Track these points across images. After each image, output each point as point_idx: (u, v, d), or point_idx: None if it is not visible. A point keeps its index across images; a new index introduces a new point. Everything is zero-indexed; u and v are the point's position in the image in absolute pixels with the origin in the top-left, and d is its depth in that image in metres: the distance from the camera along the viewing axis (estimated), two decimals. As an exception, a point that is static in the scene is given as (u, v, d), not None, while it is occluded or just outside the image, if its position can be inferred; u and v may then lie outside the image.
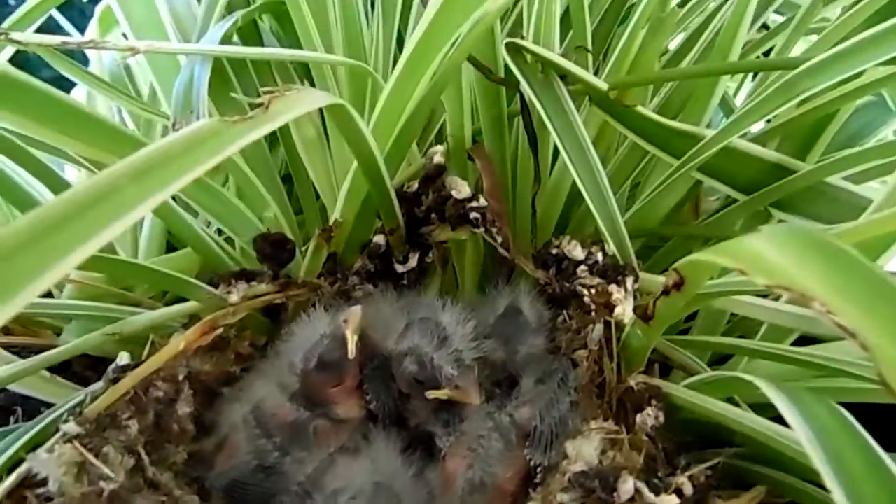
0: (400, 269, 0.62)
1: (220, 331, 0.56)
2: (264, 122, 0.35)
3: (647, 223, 0.59)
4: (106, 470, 0.43)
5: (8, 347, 0.65)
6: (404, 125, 0.51)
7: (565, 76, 0.53)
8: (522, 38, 0.51)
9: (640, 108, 0.51)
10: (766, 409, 0.38)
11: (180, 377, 0.52)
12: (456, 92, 0.55)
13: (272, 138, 0.73)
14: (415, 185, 0.59)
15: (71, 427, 0.44)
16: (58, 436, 0.44)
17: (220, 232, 0.64)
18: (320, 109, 0.67)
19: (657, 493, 0.40)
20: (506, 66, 0.54)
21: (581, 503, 0.41)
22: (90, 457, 0.43)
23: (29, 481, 0.43)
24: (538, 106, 0.50)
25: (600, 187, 0.52)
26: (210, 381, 0.55)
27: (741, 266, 0.31)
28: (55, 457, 0.42)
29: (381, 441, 0.47)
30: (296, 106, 0.37)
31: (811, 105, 0.53)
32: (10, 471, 0.43)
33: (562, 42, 0.57)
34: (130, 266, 0.51)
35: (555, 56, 0.51)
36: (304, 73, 0.72)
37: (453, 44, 0.49)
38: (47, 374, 0.65)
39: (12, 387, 0.66)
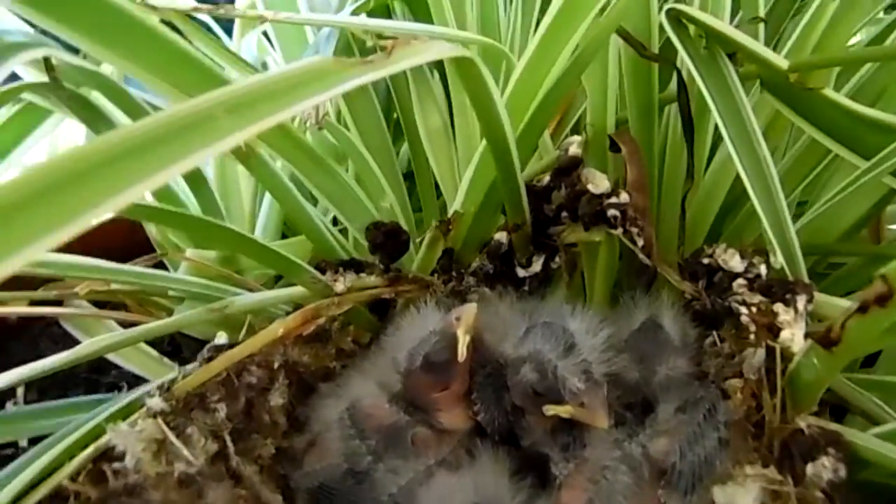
0: (522, 273, 0.55)
1: (322, 320, 0.52)
2: (382, 66, 0.31)
3: (821, 239, 0.49)
4: (186, 451, 0.39)
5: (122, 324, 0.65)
6: (539, 105, 0.45)
7: (733, 55, 0.45)
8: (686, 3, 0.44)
9: (826, 92, 0.42)
10: None
11: (276, 365, 0.48)
12: (600, 72, 0.49)
13: (396, 131, 0.70)
14: (545, 179, 0.53)
15: (156, 402, 0.41)
16: (142, 410, 0.41)
17: (335, 222, 0.61)
18: (449, 102, 0.63)
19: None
20: (661, 43, 0.47)
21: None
22: (171, 435, 0.40)
23: (109, 454, 0.40)
24: (702, 86, 0.42)
25: (769, 186, 0.44)
26: (307, 375, 0.51)
27: None
28: (136, 431, 0.39)
29: (486, 459, 0.41)
30: (419, 53, 0.33)
31: None
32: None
33: (732, 16, 0.49)
34: (243, 239, 0.48)
35: (726, 27, 0.43)
36: (436, 64, 0.68)
37: (601, 11, 0.42)
38: (154, 353, 0.65)
39: (122, 364, 0.66)
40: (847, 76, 0.50)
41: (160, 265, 0.67)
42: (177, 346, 0.72)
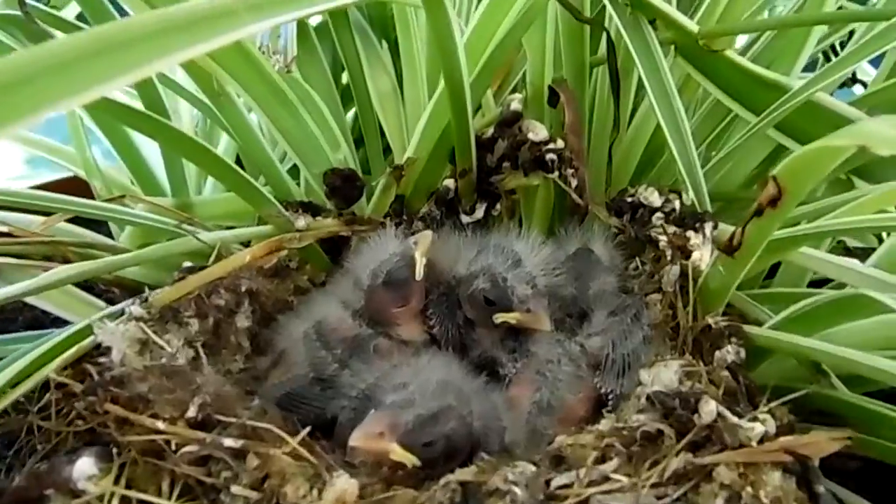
0: (466, 219, 0.61)
1: (284, 253, 0.55)
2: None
3: (725, 187, 0.58)
4: (168, 348, 0.42)
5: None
6: (490, 54, 0.51)
7: (654, 21, 0.52)
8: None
9: (728, 53, 0.51)
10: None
11: (242, 289, 0.52)
12: (539, 35, 0.55)
13: (346, 97, 0.74)
14: (489, 132, 0.59)
15: (136, 309, 0.44)
16: (123, 317, 0.44)
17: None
18: (396, 65, 0.68)
19: (740, 418, 0.38)
20: (591, 9, 0.54)
21: (658, 424, 0.38)
22: (153, 336, 0.43)
23: (90, 355, 0.42)
24: (630, 46, 0.50)
25: (682, 134, 0.51)
26: (268, 305, 0.54)
27: (862, 142, 0.30)
28: (121, 330, 0.42)
29: (443, 356, 0.45)
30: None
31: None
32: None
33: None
34: (225, 166, 0.50)
35: (648, -6, 0.51)
36: (384, 34, 0.73)
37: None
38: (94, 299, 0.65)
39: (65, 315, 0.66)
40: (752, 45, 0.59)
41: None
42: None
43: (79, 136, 0.70)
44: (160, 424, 0.37)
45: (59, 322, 0.64)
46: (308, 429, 0.37)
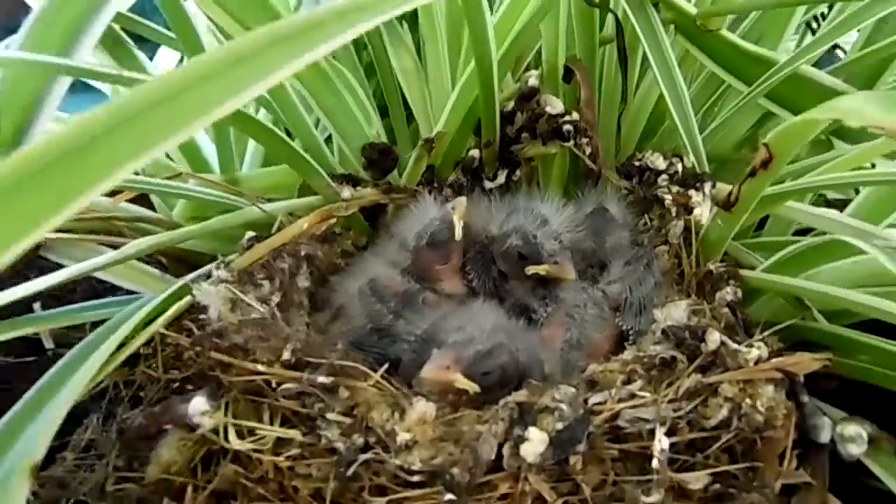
0: (489, 185, 0.68)
1: (333, 221, 0.62)
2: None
3: (719, 150, 0.65)
4: (256, 305, 0.49)
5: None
6: (514, 38, 0.57)
7: (657, 4, 0.59)
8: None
9: (722, 32, 0.57)
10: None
11: (301, 254, 0.59)
12: (554, 19, 0.62)
13: (367, 74, 0.80)
14: (510, 105, 0.66)
15: (223, 273, 0.51)
16: (213, 279, 0.51)
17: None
18: (418, 46, 0.74)
19: (739, 345, 0.46)
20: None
21: (672, 352, 0.46)
22: (241, 295, 0.50)
23: (189, 313, 0.49)
24: (636, 26, 0.56)
25: (682, 103, 0.58)
26: (322, 267, 0.62)
27: (839, 115, 0.37)
28: (215, 290, 0.49)
29: (490, 305, 0.53)
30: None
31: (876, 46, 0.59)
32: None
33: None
34: (280, 140, 0.56)
35: (651, -19, 0.57)
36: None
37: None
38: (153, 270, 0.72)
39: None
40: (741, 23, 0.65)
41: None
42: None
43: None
44: (260, 367, 0.45)
45: (117, 290, 0.70)
46: (386, 365, 0.45)
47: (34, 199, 0.24)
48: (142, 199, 0.80)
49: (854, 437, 0.47)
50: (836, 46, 0.78)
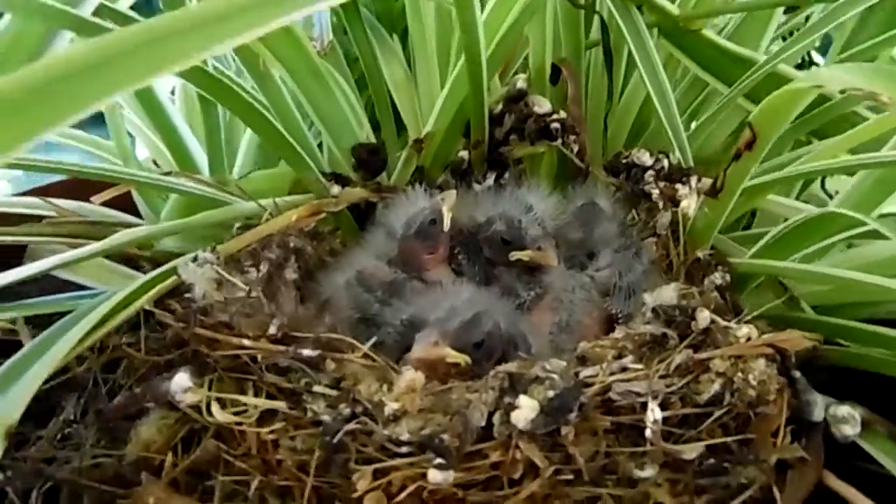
0: (477, 188, 0.68)
1: (323, 215, 0.62)
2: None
3: (704, 152, 0.66)
4: (241, 285, 0.49)
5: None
6: (501, 37, 0.59)
7: (641, 6, 0.61)
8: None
9: (704, 32, 0.59)
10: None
11: (290, 245, 0.58)
12: (540, 23, 0.63)
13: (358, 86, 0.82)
14: (497, 108, 0.67)
15: (208, 255, 0.51)
16: (199, 260, 0.50)
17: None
18: (408, 59, 0.76)
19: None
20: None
21: (664, 329, 0.46)
22: (226, 275, 0.49)
23: (174, 295, 0.49)
24: (622, 27, 0.58)
25: (667, 101, 0.59)
26: (310, 263, 0.61)
27: (819, 83, 0.38)
28: (200, 270, 0.48)
29: (470, 284, 0.53)
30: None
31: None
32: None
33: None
34: (277, 133, 0.57)
35: (635, -18, 0.59)
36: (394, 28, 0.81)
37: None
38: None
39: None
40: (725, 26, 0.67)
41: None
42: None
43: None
44: (246, 342, 0.44)
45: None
46: (374, 339, 0.44)
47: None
48: (129, 208, 0.80)
49: (847, 417, 0.46)
50: (812, 63, 0.81)
